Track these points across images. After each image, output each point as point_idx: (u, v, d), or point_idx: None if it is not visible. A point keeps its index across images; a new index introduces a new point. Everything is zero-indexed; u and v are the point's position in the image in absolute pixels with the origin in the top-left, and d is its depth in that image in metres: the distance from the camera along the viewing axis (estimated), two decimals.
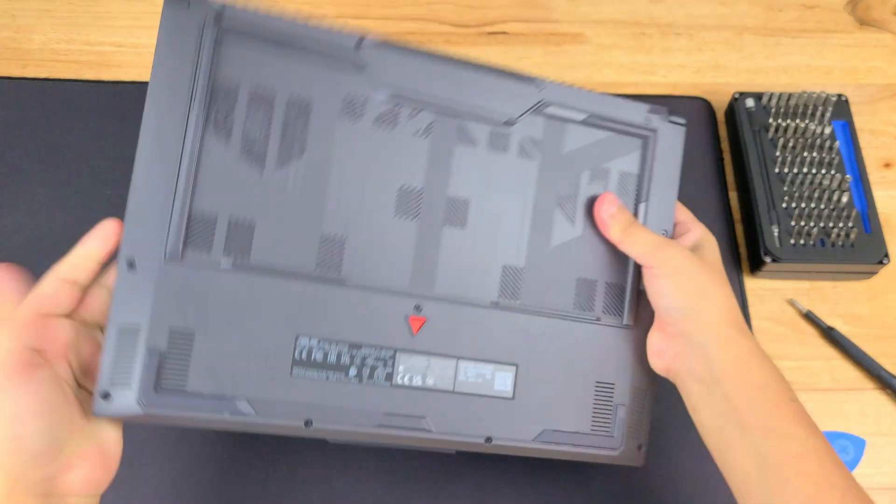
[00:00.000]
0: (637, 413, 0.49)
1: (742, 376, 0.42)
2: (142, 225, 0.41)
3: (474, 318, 0.46)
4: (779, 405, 0.41)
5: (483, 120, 0.47)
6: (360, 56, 0.45)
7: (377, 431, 0.44)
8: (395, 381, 0.44)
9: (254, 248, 0.43)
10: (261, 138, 0.43)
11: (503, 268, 0.47)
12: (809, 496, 0.38)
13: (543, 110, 0.48)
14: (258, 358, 0.42)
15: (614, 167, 0.49)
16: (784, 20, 0.76)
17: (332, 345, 0.43)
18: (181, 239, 0.41)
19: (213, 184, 0.42)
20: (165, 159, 0.41)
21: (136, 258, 0.41)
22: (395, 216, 0.45)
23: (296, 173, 0.44)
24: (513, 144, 0.48)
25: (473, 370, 0.46)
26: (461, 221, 0.46)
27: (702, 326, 0.44)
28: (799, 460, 0.40)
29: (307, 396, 0.43)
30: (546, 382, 0.47)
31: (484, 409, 0.46)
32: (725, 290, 0.45)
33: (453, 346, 0.46)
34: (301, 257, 0.43)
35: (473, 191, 0.47)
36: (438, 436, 0.45)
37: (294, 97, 0.44)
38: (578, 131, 0.49)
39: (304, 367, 0.43)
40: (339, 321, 0.44)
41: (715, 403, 0.43)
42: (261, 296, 0.42)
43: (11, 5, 0.72)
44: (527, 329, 0.47)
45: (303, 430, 0.43)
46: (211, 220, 0.42)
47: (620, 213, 0.48)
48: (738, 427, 0.41)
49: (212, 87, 0.42)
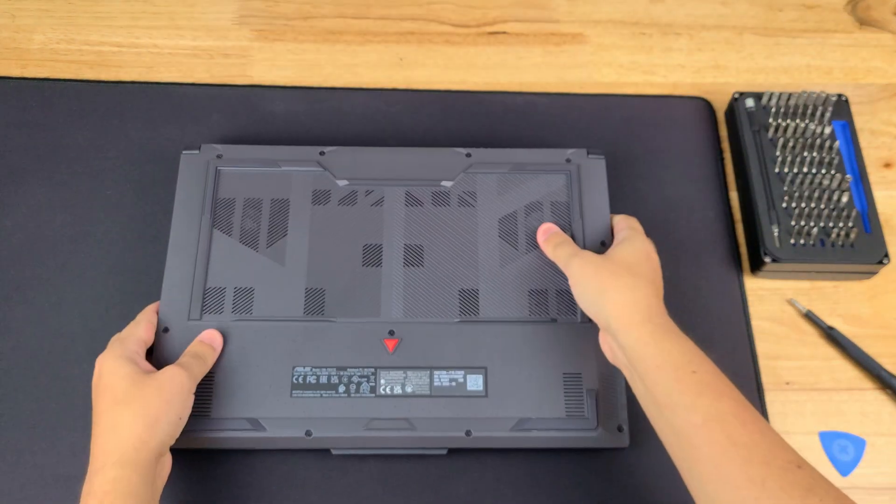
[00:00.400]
0: (610, 397, 0.54)
1: (643, 358, 0.47)
2: (172, 302, 0.55)
3: (441, 333, 0.55)
4: (680, 380, 0.45)
5: (424, 184, 0.60)
6: (323, 160, 0.60)
7: (367, 434, 0.52)
8: (378, 392, 0.53)
9: (255, 306, 0.56)
10: (253, 229, 0.58)
11: (460, 291, 0.57)
12: (715, 460, 0.42)
13: (474, 169, 0.61)
14: (264, 386, 0.53)
15: (545, 199, 0.60)
16: (784, 20, 0.76)
17: (323, 370, 0.54)
18: (200, 306, 0.55)
19: (221, 265, 0.57)
20: (186, 254, 0.57)
21: (170, 325, 0.55)
22: (363, 266, 0.57)
23: (282, 249, 0.58)
24: (453, 198, 0.60)
25: (446, 376, 0.54)
26: (418, 262, 0.58)
27: (607, 319, 0.49)
28: (703, 428, 0.43)
29: (306, 412, 0.53)
30: (515, 379, 0.54)
31: (461, 407, 0.53)
32: (628, 280, 0.50)
33: (426, 358, 0.54)
34: (291, 308, 0.56)
35: (425, 238, 0.58)
36: (422, 433, 0.52)
37: (276, 197, 0.59)
38: (508, 179, 0.61)
39: (302, 389, 0.53)
40: (326, 351, 0.54)
41: (637, 386, 0.48)
42: (262, 339, 0.54)
43: (11, 5, 0.72)
44: (490, 336, 0.55)
45: (305, 440, 0.52)
46: (221, 291, 0.56)
47: (554, 237, 0.57)
48: (654, 405, 0.46)
49: (216, 201, 0.59)
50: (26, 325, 0.58)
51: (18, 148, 0.64)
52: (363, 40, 0.72)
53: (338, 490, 0.54)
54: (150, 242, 0.61)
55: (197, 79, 0.69)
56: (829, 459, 0.57)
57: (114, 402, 0.48)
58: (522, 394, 0.53)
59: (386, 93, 0.69)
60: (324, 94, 0.69)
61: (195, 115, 0.67)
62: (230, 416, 0.52)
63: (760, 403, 0.58)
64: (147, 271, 0.60)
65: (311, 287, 0.56)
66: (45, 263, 0.60)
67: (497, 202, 0.60)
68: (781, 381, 0.59)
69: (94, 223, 0.62)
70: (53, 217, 0.62)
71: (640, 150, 0.67)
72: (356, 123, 0.67)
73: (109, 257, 0.60)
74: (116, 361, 0.49)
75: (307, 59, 0.71)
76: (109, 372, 0.49)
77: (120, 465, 0.45)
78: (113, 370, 0.49)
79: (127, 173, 0.64)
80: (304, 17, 0.74)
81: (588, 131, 0.68)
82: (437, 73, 0.71)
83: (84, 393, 0.55)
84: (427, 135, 0.67)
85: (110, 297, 0.59)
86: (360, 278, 0.57)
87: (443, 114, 0.68)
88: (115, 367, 0.49)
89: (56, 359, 0.57)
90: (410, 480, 0.54)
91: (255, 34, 0.72)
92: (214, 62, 0.70)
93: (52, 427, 0.55)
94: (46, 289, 0.59)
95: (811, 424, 0.58)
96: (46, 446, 0.54)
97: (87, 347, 0.57)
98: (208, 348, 0.53)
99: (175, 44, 0.71)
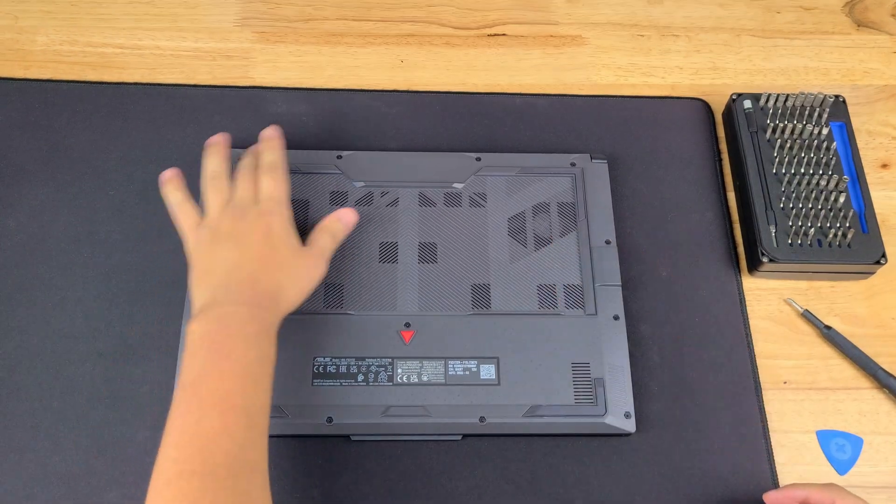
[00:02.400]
0: (617, 385, 0.56)
1: None
2: None
3: (455, 325, 0.57)
4: None
5: (437, 186, 0.63)
6: (340, 163, 0.63)
7: (385, 421, 0.54)
8: (395, 381, 0.55)
9: None
10: None
11: (472, 286, 0.59)
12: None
13: (484, 172, 0.63)
14: (287, 376, 0.54)
15: (552, 200, 0.63)
16: (782, 22, 0.76)
17: (342, 360, 0.56)
18: None
19: None
20: None
21: None
22: (380, 262, 0.60)
23: None
24: (464, 199, 0.63)
25: (460, 365, 0.56)
26: (432, 258, 0.60)
27: None
28: None
29: (327, 400, 0.54)
30: (526, 368, 0.56)
31: (474, 395, 0.55)
32: None
33: (440, 348, 0.56)
34: (312, 302, 0.57)
35: (438, 236, 0.61)
36: (438, 419, 0.54)
37: (296, 198, 0.61)
38: (516, 181, 0.63)
39: (322, 378, 0.55)
40: (346, 342, 0.56)
41: None
42: (285, 331, 0.53)
43: (14, 7, 0.72)
44: (501, 328, 0.57)
45: (326, 426, 0.54)
46: None
47: None
48: None
49: None
50: (29, 325, 0.58)
51: (21, 149, 0.65)
52: (364, 42, 0.73)
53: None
54: (152, 243, 0.61)
55: (199, 80, 0.70)
56: (827, 458, 0.57)
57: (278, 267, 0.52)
58: (533, 382, 0.55)
59: (387, 94, 0.70)
60: (325, 96, 0.69)
61: (197, 116, 0.67)
62: None
63: (758, 402, 0.58)
64: (149, 272, 0.60)
65: (331, 282, 0.58)
66: (48, 264, 0.60)
67: (506, 203, 0.63)
68: (779, 380, 0.60)
69: (97, 224, 0.62)
70: (56, 218, 0.62)
71: (638, 151, 0.68)
72: (357, 125, 0.68)
73: (112, 258, 0.61)
74: (289, 226, 0.54)
75: (309, 61, 0.72)
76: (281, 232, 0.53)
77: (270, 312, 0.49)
78: (285, 233, 0.53)
79: (130, 174, 0.64)
80: (306, 20, 0.74)
81: (587, 132, 0.68)
82: (437, 74, 0.72)
83: (85, 393, 0.56)
84: (427, 136, 0.68)
85: (113, 297, 0.59)
86: (377, 274, 0.59)
87: (443, 115, 0.69)
88: (286, 232, 0.53)
89: (58, 358, 0.57)
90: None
91: (256, 36, 0.73)
92: (217, 64, 0.71)
93: (54, 426, 0.55)
94: (49, 289, 0.59)
95: (809, 423, 0.58)
96: (49, 445, 0.54)
97: (90, 347, 0.57)
98: (341, 226, 0.56)
99: (177, 45, 0.71)
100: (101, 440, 0.54)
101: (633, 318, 0.60)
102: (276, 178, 0.55)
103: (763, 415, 0.58)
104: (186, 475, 0.42)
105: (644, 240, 0.64)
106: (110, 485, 0.53)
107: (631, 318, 0.60)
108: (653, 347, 0.59)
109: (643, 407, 0.57)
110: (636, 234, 0.64)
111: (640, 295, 0.61)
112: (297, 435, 0.55)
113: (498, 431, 0.55)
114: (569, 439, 0.56)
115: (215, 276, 0.51)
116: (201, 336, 0.47)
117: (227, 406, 0.44)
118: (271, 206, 0.54)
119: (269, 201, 0.54)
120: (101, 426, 0.55)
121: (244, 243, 0.52)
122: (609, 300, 0.58)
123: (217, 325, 0.47)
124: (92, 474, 0.53)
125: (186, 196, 0.56)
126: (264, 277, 0.51)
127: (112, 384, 0.56)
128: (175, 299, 0.58)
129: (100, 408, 0.55)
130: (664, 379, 0.58)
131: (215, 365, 0.46)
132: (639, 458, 0.56)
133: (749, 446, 0.56)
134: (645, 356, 0.59)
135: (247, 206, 0.54)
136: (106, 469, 0.54)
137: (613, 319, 0.58)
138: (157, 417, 0.55)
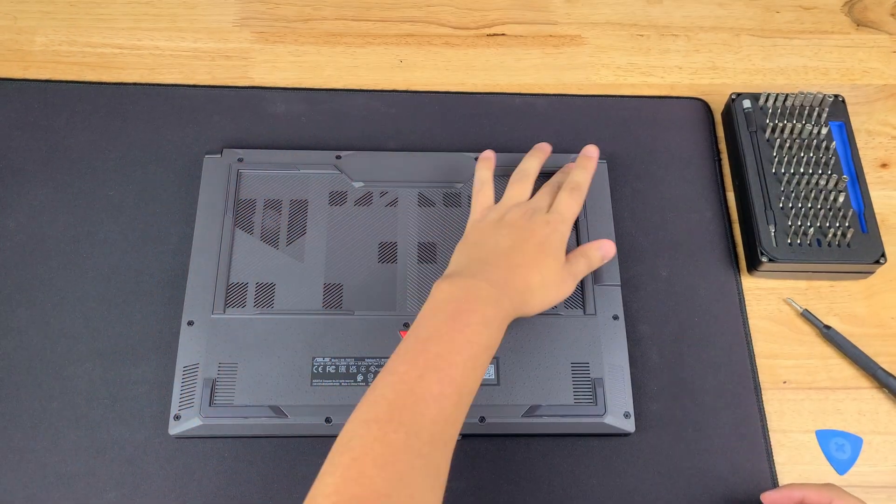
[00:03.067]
0: (616, 385, 0.56)
1: None
2: (197, 297, 0.57)
3: None
4: None
5: (437, 186, 0.63)
6: (339, 163, 0.63)
7: None
8: None
9: (276, 300, 0.58)
10: (274, 228, 0.61)
11: None
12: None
13: None
14: (285, 376, 0.55)
15: None
16: (781, 21, 0.76)
17: (341, 360, 0.56)
18: (223, 301, 0.57)
19: (243, 261, 0.59)
20: (209, 251, 0.59)
21: (194, 319, 0.56)
22: (379, 262, 0.60)
23: (301, 246, 0.60)
24: (464, 199, 0.63)
25: None
26: (432, 259, 0.60)
27: None
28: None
29: (325, 400, 0.54)
30: (525, 368, 0.56)
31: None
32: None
33: None
34: (310, 302, 0.58)
35: (438, 236, 0.61)
36: None
37: (295, 198, 0.62)
38: None
39: (321, 378, 0.55)
40: (344, 342, 0.56)
41: None
42: (283, 331, 0.56)
43: (13, 7, 0.72)
44: None
45: (324, 426, 0.53)
46: (243, 286, 0.58)
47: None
48: None
49: (237, 201, 0.61)
50: (28, 325, 0.58)
51: (20, 149, 0.65)
52: (363, 42, 0.73)
53: None
54: (151, 243, 0.61)
55: (198, 80, 0.70)
56: (827, 458, 0.57)
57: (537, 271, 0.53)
58: (533, 382, 0.56)
59: (386, 94, 0.70)
60: (324, 96, 0.69)
61: (196, 116, 0.67)
62: (254, 404, 0.54)
63: (758, 402, 0.58)
64: (149, 272, 0.60)
65: (330, 282, 0.59)
66: (47, 264, 0.61)
67: None
68: (779, 379, 0.60)
69: (96, 224, 0.62)
70: (55, 218, 0.62)
71: (637, 150, 0.68)
72: (356, 125, 0.68)
73: (111, 258, 0.61)
74: (563, 244, 0.55)
75: (308, 61, 0.72)
76: (556, 244, 0.54)
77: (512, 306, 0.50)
78: (557, 248, 0.54)
79: (129, 174, 0.64)
80: (305, 20, 0.74)
81: (586, 132, 0.68)
82: (436, 74, 0.72)
83: (85, 393, 0.56)
84: (427, 136, 0.68)
85: (112, 297, 0.59)
86: (376, 274, 0.59)
87: (442, 115, 0.69)
88: (558, 248, 0.54)
89: (58, 358, 0.57)
90: None
91: (255, 36, 0.73)
92: (216, 64, 0.71)
93: (54, 426, 0.55)
94: (48, 289, 0.59)
95: (808, 423, 0.58)
96: (49, 445, 0.54)
97: (89, 347, 0.57)
98: (599, 256, 0.57)
99: (176, 46, 0.71)
100: (100, 440, 0.54)
101: (633, 317, 0.60)
102: (573, 198, 0.57)
103: (762, 414, 0.58)
104: (395, 424, 0.42)
105: (644, 240, 0.64)
106: (110, 485, 0.53)
107: (630, 318, 0.60)
108: (652, 347, 0.59)
109: (642, 407, 0.57)
110: (636, 234, 0.64)
111: (640, 295, 0.61)
112: (296, 435, 0.55)
113: (497, 431, 0.55)
114: (568, 439, 0.56)
115: (481, 250, 0.54)
116: (446, 299, 0.49)
117: (446, 375, 0.45)
118: (557, 220, 0.56)
119: (558, 215, 0.56)
120: (101, 426, 0.55)
121: (520, 237, 0.54)
122: (608, 300, 0.59)
123: (464, 293, 0.49)
124: (91, 474, 0.53)
125: (492, 178, 0.60)
126: (521, 273, 0.52)
127: (112, 384, 0.56)
128: (174, 299, 0.59)
129: (99, 408, 0.55)
130: (663, 379, 0.58)
131: (450, 331, 0.47)
132: (638, 458, 0.56)
133: (748, 446, 0.56)
134: (644, 356, 0.59)
135: (538, 211, 0.56)
136: (105, 469, 0.54)
137: (613, 319, 0.58)
138: (157, 417, 0.55)
